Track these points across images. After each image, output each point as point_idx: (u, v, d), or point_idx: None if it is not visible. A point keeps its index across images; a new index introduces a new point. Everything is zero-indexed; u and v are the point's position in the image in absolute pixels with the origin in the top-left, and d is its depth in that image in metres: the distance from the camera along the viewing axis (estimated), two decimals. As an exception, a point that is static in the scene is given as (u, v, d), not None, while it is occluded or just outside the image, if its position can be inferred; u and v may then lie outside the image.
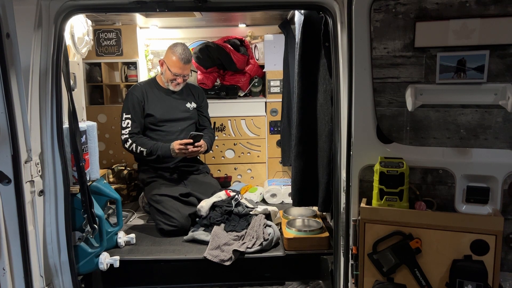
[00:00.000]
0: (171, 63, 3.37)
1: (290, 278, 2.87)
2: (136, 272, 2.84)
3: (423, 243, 1.85)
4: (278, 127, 4.27)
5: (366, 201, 1.99)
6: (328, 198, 2.71)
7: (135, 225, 3.44)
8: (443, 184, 1.93)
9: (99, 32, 4.05)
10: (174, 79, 3.43)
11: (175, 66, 3.37)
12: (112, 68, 4.32)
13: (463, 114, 1.88)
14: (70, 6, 2.25)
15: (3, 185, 1.97)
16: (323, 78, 2.72)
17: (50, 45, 2.24)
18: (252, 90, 4.42)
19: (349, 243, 2.08)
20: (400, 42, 1.89)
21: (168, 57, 3.39)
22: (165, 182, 3.42)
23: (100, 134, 3.80)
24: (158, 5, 2.25)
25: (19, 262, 2.05)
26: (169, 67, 3.39)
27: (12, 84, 1.90)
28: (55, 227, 2.35)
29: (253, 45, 4.34)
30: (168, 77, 3.45)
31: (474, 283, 1.75)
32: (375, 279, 1.93)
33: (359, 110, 1.97)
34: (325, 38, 2.53)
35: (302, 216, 3.20)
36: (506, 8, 1.75)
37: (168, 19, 4.06)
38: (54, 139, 2.30)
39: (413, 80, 1.90)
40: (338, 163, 2.31)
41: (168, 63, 3.39)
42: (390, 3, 1.86)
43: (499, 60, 1.78)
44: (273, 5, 2.39)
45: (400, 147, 1.97)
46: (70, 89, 2.40)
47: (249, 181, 4.35)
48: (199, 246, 2.94)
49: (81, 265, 2.56)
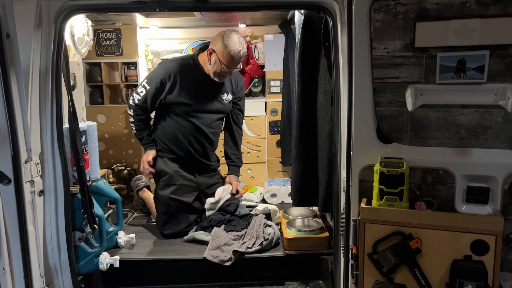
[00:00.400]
0: (224, 56, 2.95)
1: (290, 278, 2.87)
2: (136, 272, 2.84)
3: (423, 243, 1.85)
4: (278, 127, 4.27)
5: (366, 201, 1.99)
6: (328, 198, 2.71)
7: (135, 225, 3.44)
8: (443, 184, 1.93)
9: (99, 32, 4.05)
10: (224, 72, 3.05)
11: (228, 61, 2.97)
12: (112, 68, 4.31)
13: (463, 114, 1.88)
14: (70, 6, 2.25)
15: (3, 185, 1.96)
16: (323, 78, 2.72)
17: (50, 45, 2.24)
18: (252, 90, 4.42)
19: (349, 243, 2.08)
20: (400, 42, 1.88)
21: (220, 49, 2.95)
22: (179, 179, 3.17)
23: (100, 134, 3.80)
24: (158, 5, 2.25)
25: (19, 262, 2.05)
26: (220, 60, 2.97)
27: (12, 84, 1.90)
28: (55, 227, 2.35)
29: (253, 45, 4.34)
30: (216, 70, 3.03)
31: (474, 283, 1.75)
32: (375, 279, 1.93)
33: (359, 110, 1.97)
34: (325, 38, 2.53)
35: (302, 216, 3.20)
36: (506, 8, 1.75)
37: (168, 19, 4.06)
38: (54, 139, 2.30)
39: (413, 80, 1.90)
40: (338, 163, 2.31)
41: (220, 55, 2.96)
42: (390, 3, 1.86)
43: (499, 60, 1.78)
44: (273, 5, 2.39)
45: (400, 147, 1.97)
46: (70, 89, 2.40)
47: (249, 181, 4.35)
48: (199, 246, 2.94)
49: (81, 265, 2.55)
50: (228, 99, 3.27)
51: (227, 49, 2.93)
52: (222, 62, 2.98)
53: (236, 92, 3.33)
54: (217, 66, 3.01)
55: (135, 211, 3.73)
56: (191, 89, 3.11)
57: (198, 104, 3.14)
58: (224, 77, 3.13)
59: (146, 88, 3.11)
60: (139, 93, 3.14)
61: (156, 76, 3.10)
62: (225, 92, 3.24)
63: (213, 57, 3.01)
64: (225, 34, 2.97)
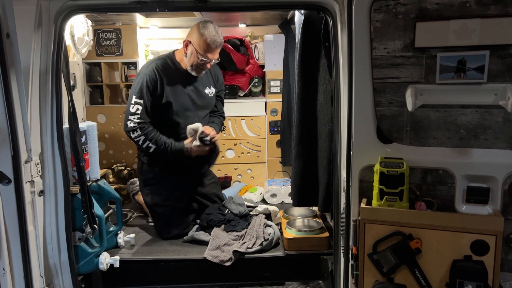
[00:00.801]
0: (200, 45, 2.86)
1: (290, 278, 2.87)
2: (136, 272, 2.84)
3: (423, 243, 1.85)
4: (278, 127, 4.27)
5: (366, 201, 1.99)
6: (328, 198, 2.71)
7: (135, 225, 3.44)
8: (443, 184, 1.93)
9: (99, 32, 4.05)
10: (201, 64, 2.95)
11: (205, 50, 2.87)
12: (112, 68, 4.31)
13: (463, 114, 1.88)
14: (70, 6, 2.25)
15: (3, 185, 1.96)
16: (323, 78, 2.72)
17: (50, 45, 2.24)
18: (252, 90, 4.42)
19: (349, 243, 2.08)
20: (400, 42, 1.88)
21: (196, 39, 2.87)
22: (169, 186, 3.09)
23: (100, 134, 3.80)
24: (158, 5, 2.25)
25: (19, 262, 2.05)
26: (197, 50, 2.88)
27: (12, 84, 1.90)
28: (55, 227, 2.35)
29: (253, 45, 4.34)
30: (193, 62, 2.93)
31: (474, 283, 1.75)
32: (375, 279, 1.93)
33: (359, 110, 1.97)
34: (325, 38, 2.53)
35: (302, 216, 3.20)
36: (506, 8, 1.75)
37: (168, 19, 4.06)
38: (54, 139, 2.30)
39: (413, 80, 1.90)
40: (338, 163, 2.31)
41: (196, 45, 2.87)
42: (390, 3, 1.86)
43: (499, 60, 1.78)
44: (273, 5, 2.39)
45: (400, 147, 1.97)
46: (70, 89, 2.40)
47: (249, 181, 4.35)
48: (199, 246, 2.94)
49: (81, 265, 2.55)
50: (212, 92, 3.18)
51: (203, 37, 2.85)
52: (198, 52, 2.88)
53: (218, 85, 3.25)
54: (194, 58, 2.92)
55: (135, 211, 3.73)
56: (175, 89, 3.00)
57: (183, 103, 3.03)
58: (202, 70, 3.01)
59: (140, 100, 2.90)
60: (135, 111, 2.90)
61: (144, 81, 2.91)
62: (207, 85, 3.14)
63: (189, 49, 2.92)
64: (200, 24, 2.90)
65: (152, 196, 3.13)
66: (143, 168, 3.15)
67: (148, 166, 3.11)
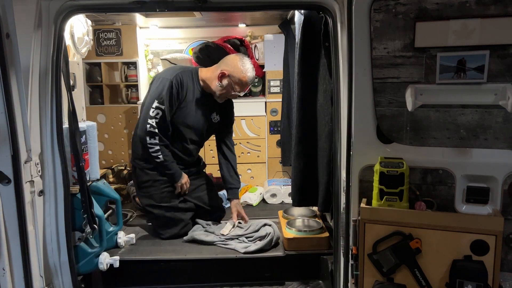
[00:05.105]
0: (238, 82, 2.97)
1: (290, 278, 2.87)
2: (136, 272, 2.84)
3: (423, 243, 1.85)
4: (278, 127, 4.27)
5: (366, 201, 1.99)
6: (328, 198, 2.71)
7: (135, 225, 3.44)
8: (443, 184, 1.93)
9: (99, 32, 4.05)
10: (232, 95, 3.07)
11: (242, 86, 3.01)
12: (112, 68, 4.31)
13: (463, 114, 1.88)
14: (70, 6, 2.25)
15: (3, 185, 1.97)
16: (323, 78, 2.72)
17: (50, 45, 2.24)
18: (252, 90, 4.42)
19: (349, 243, 2.08)
20: (400, 42, 1.88)
21: (236, 74, 2.96)
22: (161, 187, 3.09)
23: (99, 134, 3.80)
24: (158, 5, 2.25)
25: (19, 262, 2.05)
26: (233, 84, 2.98)
27: (12, 84, 1.90)
28: (55, 227, 2.35)
29: (253, 45, 4.34)
30: (226, 93, 3.03)
31: (474, 283, 1.75)
32: (375, 279, 1.93)
33: (359, 110, 1.97)
34: (325, 38, 2.53)
35: (302, 216, 3.20)
36: (506, 8, 1.75)
37: (168, 19, 4.06)
38: (54, 139, 2.30)
39: (413, 80, 1.90)
40: (338, 163, 2.31)
41: (234, 80, 2.97)
42: (390, 3, 1.86)
43: (499, 60, 1.78)
44: (273, 5, 2.39)
45: (400, 147, 1.97)
46: (70, 89, 2.40)
47: (249, 181, 4.35)
48: (199, 246, 2.94)
49: (81, 265, 2.55)
50: (217, 119, 3.22)
51: (242, 74, 2.96)
52: (234, 86, 2.99)
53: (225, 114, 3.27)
54: (229, 90, 3.01)
55: (135, 211, 3.73)
56: (191, 104, 3.03)
57: (196, 126, 3.08)
58: (226, 99, 3.13)
59: (162, 106, 2.89)
60: (155, 115, 2.89)
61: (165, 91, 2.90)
62: (214, 111, 3.19)
63: (226, 80, 2.98)
64: (239, 59, 3.00)
65: (147, 198, 3.14)
66: (136, 171, 3.17)
67: (141, 170, 3.12)
